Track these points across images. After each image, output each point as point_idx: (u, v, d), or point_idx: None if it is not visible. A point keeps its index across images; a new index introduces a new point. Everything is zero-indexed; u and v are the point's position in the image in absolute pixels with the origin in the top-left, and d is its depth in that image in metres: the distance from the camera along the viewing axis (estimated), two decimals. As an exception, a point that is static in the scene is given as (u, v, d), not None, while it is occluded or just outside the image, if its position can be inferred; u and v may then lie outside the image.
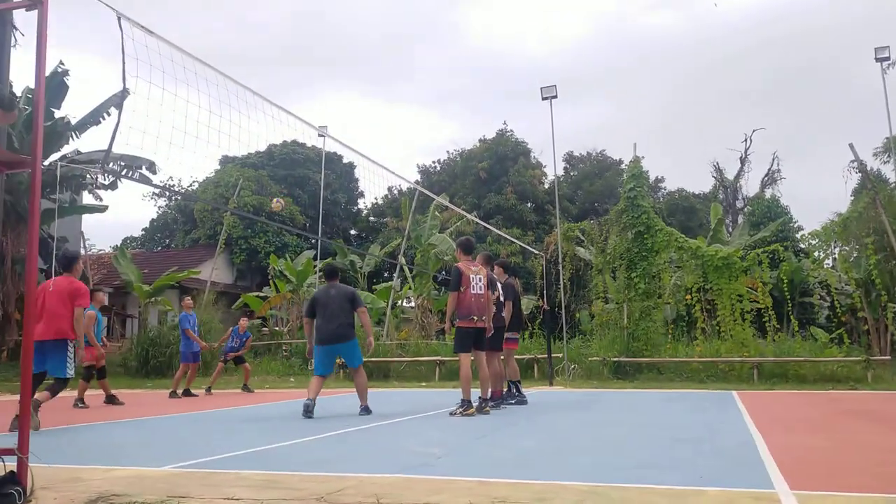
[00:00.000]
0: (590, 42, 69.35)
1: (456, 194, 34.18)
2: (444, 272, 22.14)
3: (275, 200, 8.65)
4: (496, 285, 8.34)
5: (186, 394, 11.64)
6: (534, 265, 26.98)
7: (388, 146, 69.60)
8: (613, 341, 15.01)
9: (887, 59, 14.52)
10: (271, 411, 8.77)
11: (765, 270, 14.71)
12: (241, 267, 30.45)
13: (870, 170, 17.55)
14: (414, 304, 22.74)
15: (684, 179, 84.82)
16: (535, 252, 20.53)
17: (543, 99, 15.10)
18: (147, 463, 4.51)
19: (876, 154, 27.73)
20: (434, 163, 40.18)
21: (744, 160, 39.34)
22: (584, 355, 15.30)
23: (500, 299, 8.52)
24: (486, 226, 21.20)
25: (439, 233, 23.41)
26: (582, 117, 61.30)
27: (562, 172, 39.82)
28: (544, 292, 14.84)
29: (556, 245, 15.89)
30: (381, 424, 6.81)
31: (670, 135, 62.32)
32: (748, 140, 39.30)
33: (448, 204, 20.55)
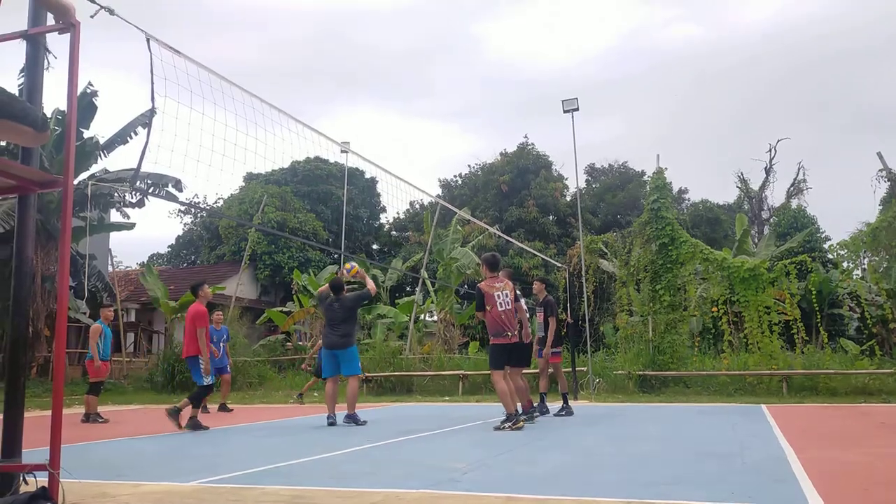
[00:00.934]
0: (611, 54, 69.31)
1: (477, 208, 34.20)
2: (467, 286, 22.11)
3: (348, 266, 9.08)
4: (520, 299, 8.31)
5: (222, 409, 11.53)
6: (556, 278, 26.83)
7: (410, 161, 69.99)
8: (638, 354, 14.84)
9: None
10: (296, 426, 8.78)
11: (792, 282, 14.48)
12: (266, 282, 30.69)
13: (898, 178, 17.24)
14: (436, 317, 22.71)
15: (708, 190, 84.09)
16: (557, 265, 20.43)
17: (565, 112, 15.09)
18: (174, 478, 4.53)
19: (904, 162, 27.23)
20: (455, 177, 40.29)
21: (769, 170, 38.93)
22: (608, 369, 15.15)
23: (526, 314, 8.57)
24: (508, 239, 21.17)
25: (461, 246, 23.41)
26: (603, 129, 61.18)
27: (584, 185, 39.70)
28: (568, 305, 14.74)
29: (579, 258, 15.79)
30: (406, 439, 6.79)
31: (694, 146, 61.92)
32: (773, 150, 38.92)
33: (470, 217, 20.55)
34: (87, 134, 18.32)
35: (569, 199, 35.19)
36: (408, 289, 31.59)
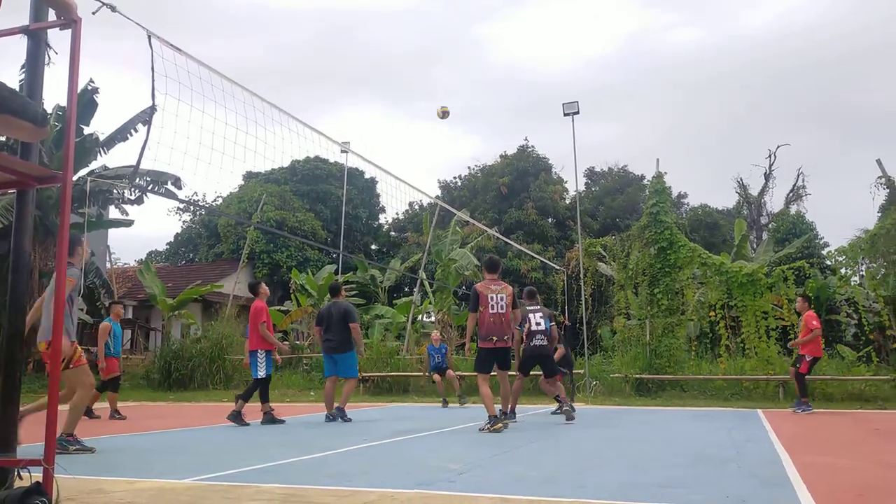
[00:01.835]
0: (611, 58, 69.36)
1: (477, 209, 34.21)
2: (465, 287, 22.12)
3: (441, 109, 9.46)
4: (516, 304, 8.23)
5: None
6: (555, 280, 26.85)
7: (410, 162, 70.00)
8: (635, 358, 14.86)
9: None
10: (291, 425, 8.78)
11: (790, 287, 14.49)
12: (264, 281, 30.66)
13: (897, 185, 17.24)
14: (434, 318, 22.72)
15: (707, 195, 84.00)
16: (556, 267, 20.45)
17: (565, 115, 15.10)
18: (169, 475, 4.53)
19: (904, 169, 27.28)
20: (455, 178, 40.30)
21: (768, 176, 38.95)
22: (605, 372, 15.15)
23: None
24: (507, 241, 21.18)
25: (460, 248, 23.43)
26: (603, 133, 61.22)
27: (583, 188, 39.71)
28: (565, 308, 14.76)
29: (578, 260, 15.80)
30: (402, 439, 6.80)
31: (694, 150, 61.95)
32: (772, 156, 38.94)
33: (469, 219, 20.57)
34: (87, 130, 18.30)
35: (568, 201, 35.21)
36: (406, 289, 31.59)
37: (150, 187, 18.51)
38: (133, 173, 14.64)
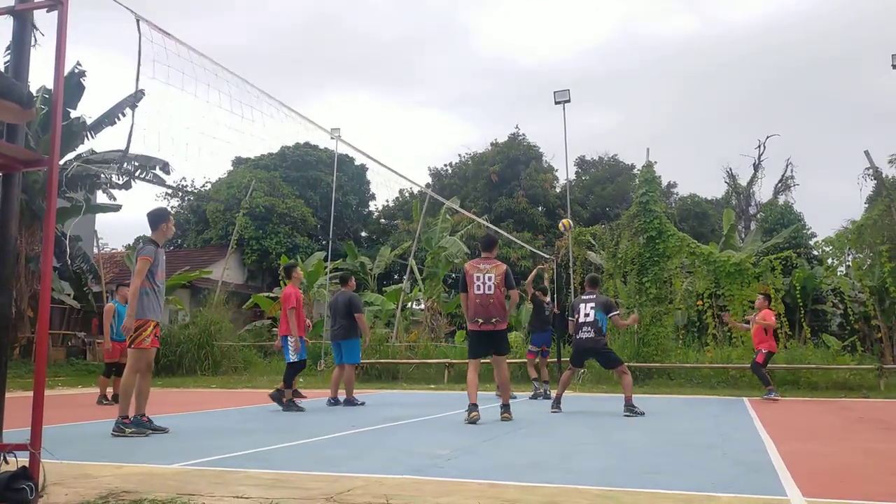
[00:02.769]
0: (603, 46, 69.25)
1: (467, 197, 34.18)
2: (454, 275, 22.14)
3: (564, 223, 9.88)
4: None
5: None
6: (544, 269, 26.85)
7: (400, 149, 69.78)
8: (623, 346, 14.94)
9: (903, 65, 14.36)
10: (280, 411, 8.78)
11: (777, 277, 14.61)
12: (253, 267, 30.57)
13: (885, 177, 17.37)
14: (423, 306, 22.74)
15: (697, 185, 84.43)
16: (545, 256, 20.47)
17: (556, 103, 15.05)
18: (157, 460, 4.53)
19: (891, 161, 27.43)
20: (445, 166, 40.23)
21: (757, 166, 39.12)
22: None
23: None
24: (497, 229, 21.19)
25: (450, 236, 23.42)
26: (594, 121, 61.23)
27: (573, 177, 39.75)
28: (554, 296, 14.78)
29: (567, 249, 15.84)
30: (391, 426, 6.81)
31: (683, 140, 62.10)
32: (762, 146, 39.09)
33: (458, 208, 20.54)
34: (74, 114, 18.10)
35: (558, 190, 35.25)
36: (395, 277, 31.58)
37: (137, 172, 18.36)
38: (122, 157, 14.53)
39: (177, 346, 16.80)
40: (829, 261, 16.22)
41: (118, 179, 18.87)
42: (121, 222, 74.91)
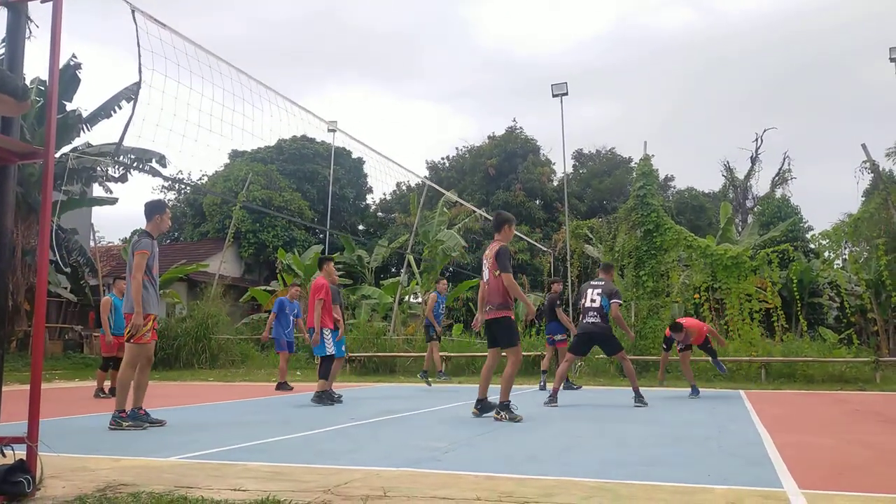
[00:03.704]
0: (601, 39, 69.11)
1: (464, 191, 34.16)
2: (452, 268, 22.13)
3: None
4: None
5: (281, 387, 11.13)
6: (542, 262, 26.93)
7: (398, 142, 69.68)
8: (620, 339, 14.94)
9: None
10: (277, 404, 8.79)
11: (774, 270, 14.62)
12: (250, 261, 30.55)
13: (882, 170, 17.41)
14: (421, 299, 22.74)
15: (694, 178, 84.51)
16: (543, 249, 20.50)
17: (554, 96, 15.08)
18: (154, 453, 4.53)
19: (889, 154, 27.56)
20: (443, 159, 40.18)
21: (755, 159, 39.15)
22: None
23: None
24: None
25: (447, 229, 23.41)
26: (592, 114, 61.19)
27: (571, 170, 39.74)
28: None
29: (565, 242, 15.85)
30: (388, 418, 6.82)
31: (681, 133, 62.09)
32: (759, 139, 39.11)
33: (456, 198, 20.52)
34: (69, 107, 18.05)
35: (556, 183, 35.23)
36: (393, 270, 31.59)
37: (134, 165, 18.32)
38: (117, 148, 14.45)
39: (174, 340, 16.78)
40: (826, 254, 16.25)
41: (114, 172, 18.83)
42: (118, 215, 74.84)
